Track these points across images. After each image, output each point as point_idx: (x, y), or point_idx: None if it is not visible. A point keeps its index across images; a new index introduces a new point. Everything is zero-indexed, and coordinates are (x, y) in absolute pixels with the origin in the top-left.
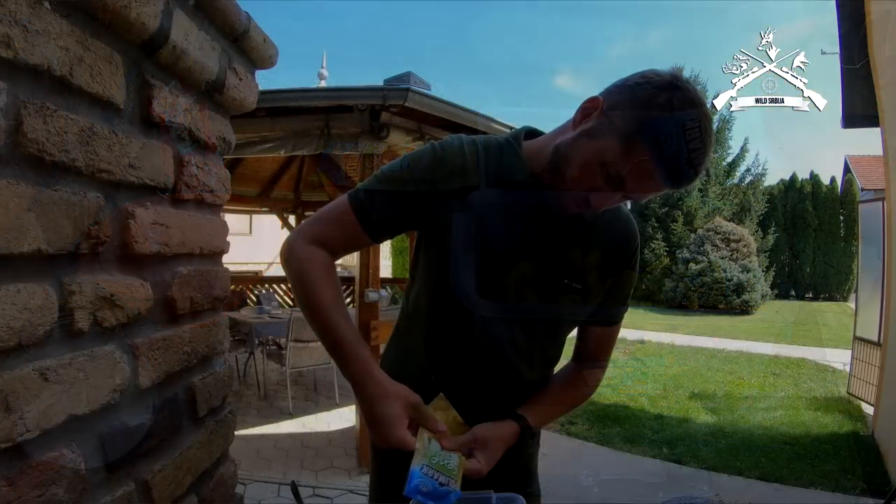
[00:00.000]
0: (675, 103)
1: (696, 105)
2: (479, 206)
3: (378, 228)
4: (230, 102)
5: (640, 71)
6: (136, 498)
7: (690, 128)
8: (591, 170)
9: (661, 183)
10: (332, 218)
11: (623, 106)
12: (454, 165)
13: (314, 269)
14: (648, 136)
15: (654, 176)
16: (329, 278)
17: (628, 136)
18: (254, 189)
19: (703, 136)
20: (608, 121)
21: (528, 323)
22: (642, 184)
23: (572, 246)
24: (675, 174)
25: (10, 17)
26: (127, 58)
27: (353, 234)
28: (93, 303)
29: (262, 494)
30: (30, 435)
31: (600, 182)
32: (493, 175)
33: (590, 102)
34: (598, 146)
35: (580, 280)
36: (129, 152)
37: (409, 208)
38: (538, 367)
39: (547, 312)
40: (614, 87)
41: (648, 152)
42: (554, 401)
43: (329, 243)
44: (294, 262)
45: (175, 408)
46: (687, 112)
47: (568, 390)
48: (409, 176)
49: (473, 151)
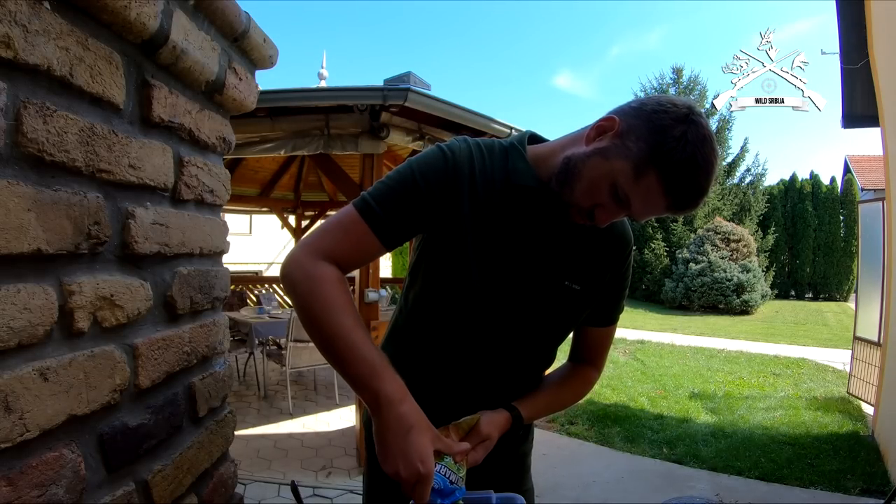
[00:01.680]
0: (690, 137)
1: (708, 141)
2: (485, 210)
3: (392, 234)
4: (230, 102)
5: (657, 96)
6: (136, 498)
7: (702, 163)
8: (600, 188)
9: (666, 209)
10: (341, 229)
11: (639, 131)
12: (461, 168)
13: (332, 288)
14: (661, 166)
15: (661, 202)
16: (347, 297)
17: (642, 162)
18: (254, 189)
19: (711, 173)
20: (622, 144)
21: (529, 324)
22: (648, 207)
23: (571, 248)
24: (682, 203)
25: (10, 17)
26: (127, 58)
27: (366, 244)
28: (93, 303)
29: (262, 494)
30: (30, 435)
31: (607, 200)
32: (499, 179)
33: (606, 122)
34: (611, 167)
35: (580, 281)
36: (129, 152)
37: (420, 211)
38: (536, 368)
39: (547, 314)
40: (630, 109)
41: (659, 181)
42: (548, 398)
43: (341, 257)
44: (305, 282)
45: (175, 408)
46: (699, 147)
47: (563, 389)
48: (419, 178)
49: (480, 154)
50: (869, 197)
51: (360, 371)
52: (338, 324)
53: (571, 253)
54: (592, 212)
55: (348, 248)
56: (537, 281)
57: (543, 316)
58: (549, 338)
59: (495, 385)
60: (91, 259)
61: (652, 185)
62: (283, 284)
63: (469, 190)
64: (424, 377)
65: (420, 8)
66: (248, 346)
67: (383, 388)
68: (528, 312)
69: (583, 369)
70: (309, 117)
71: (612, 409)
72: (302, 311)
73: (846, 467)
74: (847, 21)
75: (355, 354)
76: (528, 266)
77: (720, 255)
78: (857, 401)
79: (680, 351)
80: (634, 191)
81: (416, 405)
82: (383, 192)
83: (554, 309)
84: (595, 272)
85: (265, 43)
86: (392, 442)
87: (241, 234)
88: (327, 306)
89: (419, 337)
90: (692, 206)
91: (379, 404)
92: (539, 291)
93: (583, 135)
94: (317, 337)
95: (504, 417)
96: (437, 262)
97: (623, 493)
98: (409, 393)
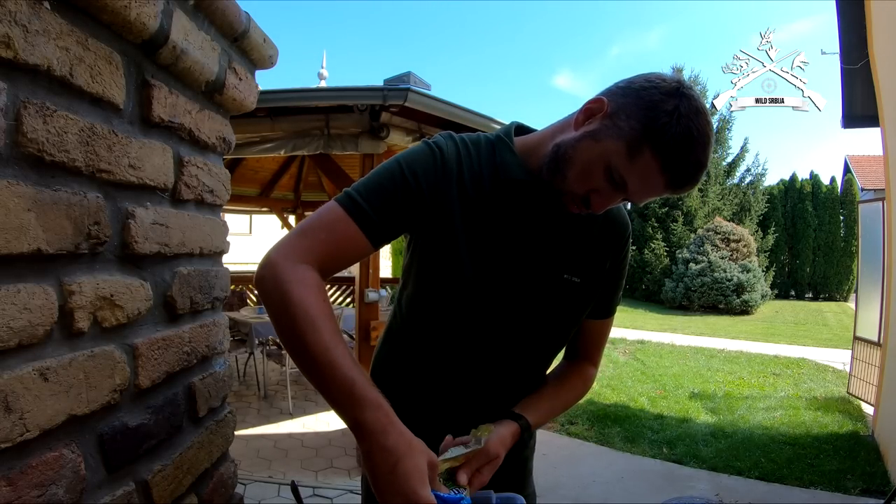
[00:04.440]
0: (682, 110)
1: (702, 113)
2: (476, 207)
3: (381, 233)
4: (230, 102)
5: (644, 74)
6: (136, 498)
7: (697, 136)
8: (594, 172)
9: (664, 188)
10: (323, 228)
11: (629, 109)
12: (450, 164)
13: (308, 296)
14: (656, 142)
15: (659, 180)
16: (326, 306)
17: (635, 140)
18: (254, 189)
19: (707, 145)
20: (613, 124)
21: (530, 322)
22: (645, 187)
23: (568, 240)
24: (680, 180)
25: (10, 17)
26: (127, 58)
27: (353, 244)
28: (93, 303)
29: (262, 494)
30: (30, 435)
31: (602, 184)
32: (488, 175)
33: (594, 103)
34: (603, 148)
35: (579, 274)
36: (129, 152)
37: (410, 207)
38: (539, 368)
39: (548, 310)
40: (618, 88)
41: (655, 158)
42: (551, 400)
43: (323, 260)
44: (280, 287)
45: (175, 408)
46: (693, 120)
47: (565, 388)
48: (407, 173)
49: (467, 151)
50: (869, 197)
51: (338, 396)
52: (313, 341)
53: (569, 245)
54: (588, 198)
55: (332, 249)
56: (535, 276)
57: (544, 312)
58: (552, 336)
59: (497, 387)
60: (91, 259)
61: (648, 163)
62: (256, 290)
63: (458, 187)
64: (424, 381)
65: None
66: (248, 346)
67: (364, 417)
68: (528, 309)
69: (580, 366)
70: (309, 117)
71: (612, 409)
72: (275, 321)
73: (846, 467)
74: (847, 21)
75: (333, 374)
76: (524, 261)
77: (720, 255)
78: (857, 401)
79: (680, 351)
80: (630, 171)
81: (403, 429)
82: (371, 188)
83: (554, 304)
84: (594, 263)
85: (265, 43)
86: (380, 476)
87: (241, 234)
88: (301, 319)
89: (416, 341)
90: (691, 182)
91: (361, 436)
92: (538, 287)
93: (571, 120)
94: (291, 351)
95: (511, 431)
96: (429, 262)
97: (623, 493)
98: (394, 417)
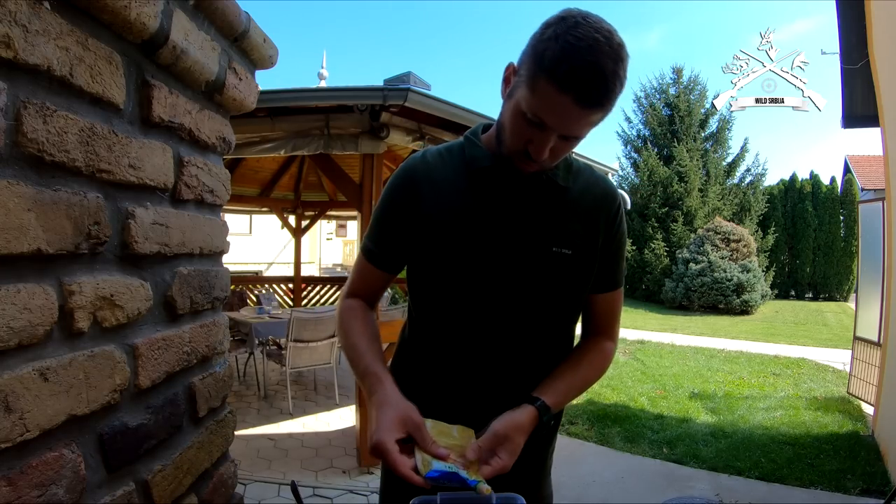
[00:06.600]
0: (559, 31)
1: (582, 25)
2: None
3: (388, 261)
4: (230, 102)
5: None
6: (136, 498)
7: (577, 42)
8: (518, 124)
9: (579, 108)
10: (356, 270)
11: (524, 57)
12: (416, 174)
13: (346, 316)
14: (544, 68)
15: (566, 101)
16: (357, 322)
17: (531, 76)
18: (254, 189)
19: (594, 48)
20: (518, 77)
21: (527, 297)
22: (559, 116)
23: (553, 214)
24: (583, 92)
25: (10, 17)
26: (127, 58)
27: (373, 276)
28: (93, 303)
29: (262, 494)
30: (30, 435)
31: (529, 131)
32: (461, 173)
33: (506, 70)
34: (516, 100)
35: (569, 245)
36: (129, 152)
37: (397, 227)
38: (551, 347)
39: (542, 283)
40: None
41: (549, 83)
42: (569, 378)
43: (361, 293)
44: (337, 317)
45: (175, 408)
46: (572, 32)
47: (583, 365)
48: (387, 201)
49: (438, 157)
50: (869, 197)
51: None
52: (346, 343)
53: (554, 219)
54: (527, 151)
55: (363, 285)
56: (523, 250)
57: (538, 284)
58: (554, 308)
59: (510, 366)
60: (91, 259)
61: (547, 91)
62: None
63: (428, 190)
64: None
65: (420, 8)
66: (248, 346)
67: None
68: (522, 282)
69: (596, 341)
70: (309, 117)
71: (612, 409)
72: (338, 336)
73: (846, 467)
74: (847, 21)
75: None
76: (510, 237)
77: (720, 255)
78: (857, 401)
79: (680, 351)
80: (539, 107)
81: (388, 391)
82: (371, 228)
83: (547, 276)
84: (585, 235)
85: (265, 43)
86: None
87: (241, 234)
88: (340, 328)
89: (426, 345)
90: (598, 91)
91: (367, 395)
92: (528, 260)
93: None
94: (344, 351)
95: (527, 414)
96: (419, 263)
97: (623, 493)
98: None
